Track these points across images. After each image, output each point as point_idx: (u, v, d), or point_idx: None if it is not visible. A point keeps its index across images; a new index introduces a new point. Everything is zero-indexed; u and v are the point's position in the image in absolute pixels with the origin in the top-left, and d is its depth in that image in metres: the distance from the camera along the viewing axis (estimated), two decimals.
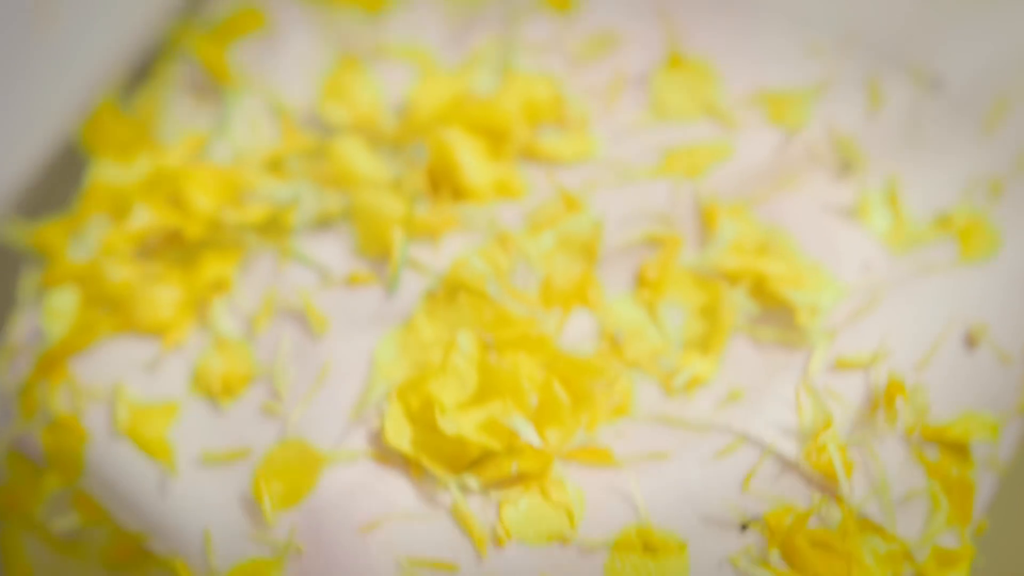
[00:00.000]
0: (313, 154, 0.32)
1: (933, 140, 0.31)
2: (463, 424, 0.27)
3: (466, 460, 0.27)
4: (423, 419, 0.28)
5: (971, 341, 0.28)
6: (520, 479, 0.28)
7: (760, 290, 0.29)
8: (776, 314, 0.29)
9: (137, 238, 0.30)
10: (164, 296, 0.30)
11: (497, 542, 0.27)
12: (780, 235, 0.30)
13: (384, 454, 0.28)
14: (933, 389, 0.28)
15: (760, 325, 0.29)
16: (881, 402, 0.27)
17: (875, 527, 0.27)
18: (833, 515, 0.27)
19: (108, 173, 0.32)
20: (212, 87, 0.33)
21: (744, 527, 0.27)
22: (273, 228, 0.31)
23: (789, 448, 0.27)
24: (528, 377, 0.27)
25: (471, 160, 0.30)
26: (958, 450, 0.28)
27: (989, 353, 0.28)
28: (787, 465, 0.27)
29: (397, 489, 0.28)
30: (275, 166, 0.32)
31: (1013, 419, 0.29)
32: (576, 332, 0.29)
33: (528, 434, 0.27)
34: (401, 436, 0.28)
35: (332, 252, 0.30)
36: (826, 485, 0.27)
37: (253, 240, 0.30)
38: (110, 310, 0.30)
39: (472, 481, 0.27)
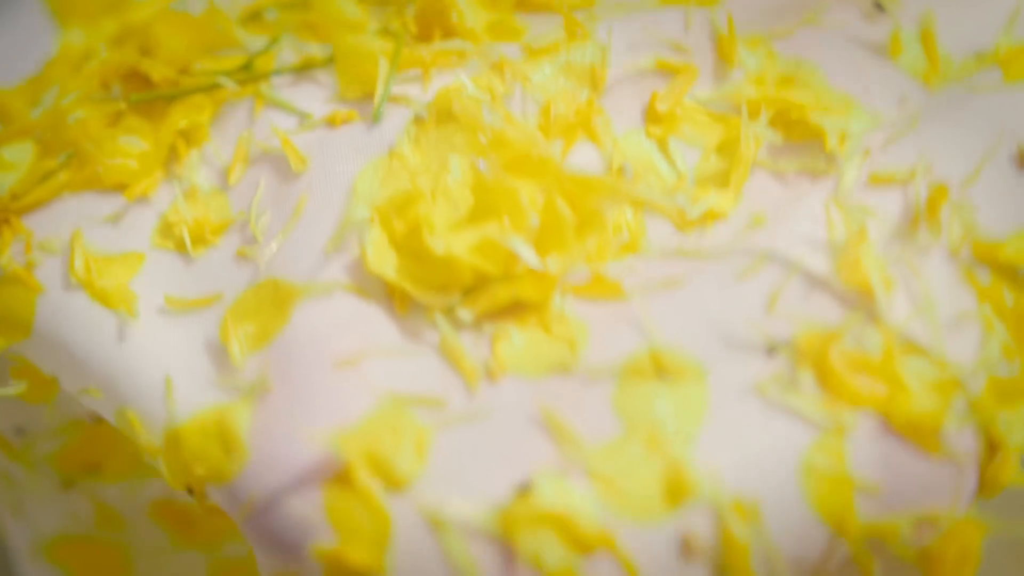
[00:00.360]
0: (295, 5, 0.29)
1: None
2: (454, 245, 0.24)
3: (457, 288, 0.24)
4: (409, 246, 0.25)
5: (1021, 160, 0.25)
6: (517, 310, 0.24)
7: (783, 121, 0.26)
8: (801, 148, 0.26)
9: (98, 76, 0.28)
10: (129, 146, 0.27)
11: (490, 376, 0.24)
12: (806, 68, 0.27)
13: (364, 286, 0.25)
14: (980, 209, 0.25)
15: (784, 157, 0.26)
16: (923, 214, 0.24)
17: (920, 349, 0.23)
18: (872, 338, 0.23)
19: (76, 38, 0.29)
20: None
21: (771, 350, 0.23)
22: (250, 78, 0.28)
23: (819, 264, 0.24)
24: (529, 196, 0.24)
25: (466, 2, 0.28)
26: (1011, 274, 0.24)
27: None
28: (817, 282, 0.24)
29: (378, 324, 0.25)
30: (254, 18, 0.29)
31: None
32: (580, 167, 0.26)
33: (528, 255, 0.24)
34: (384, 262, 0.25)
35: (312, 98, 0.27)
36: (862, 303, 0.24)
37: (228, 90, 0.28)
38: (71, 163, 0.27)
39: (464, 312, 0.24)
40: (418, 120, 0.26)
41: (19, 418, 0.28)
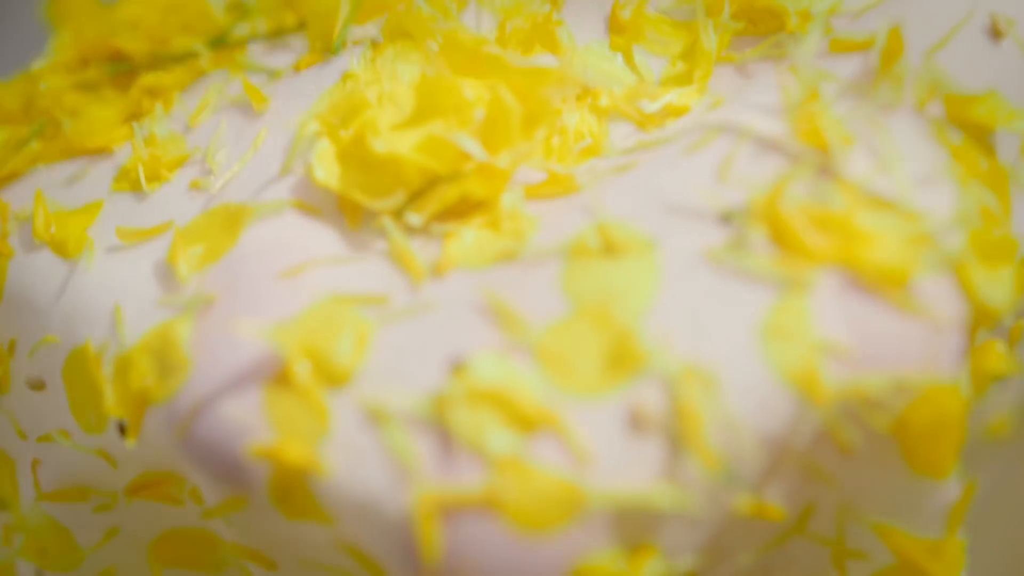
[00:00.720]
0: None
1: None
2: (398, 144, 0.23)
3: (404, 191, 0.23)
4: (355, 154, 0.24)
5: (995, 32, 0.24)
6: (468, 210, 0.23)
7: (747, 14, 0.25)
8: (767, 39, 0.25)
9: (76, 52, 0.28)
10: (100, 113, 0.27)
11: (436, 271, 0.23)
12: None
13: (314, 203, 0.24)
14: (952, 78, 0.23)
15: (747, 49, 0.25)
16: (882, 69, 0.22)
17: (886, 203, 0.21)
18: (832, 195, 0.22)
19: (68, 40, 0.30)
20: None
21: (726, 218, 0.22)
22: (224, 46, 0.28)
23: (772, 127, 0.22)
24: (474, 92, 0.23)
25: None
26: (982, 138, 0.22)
27: (1016, 51, 0.24)
28: (771, 145, 0.22)
29: (328, 237, 0.24)
30: (235, 4, 0.29)
31: None
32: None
33: (474, 149, 0.23)
34: (329, 172, 0.24)
35: (286, 63, 0.27)
36: (820, 160, 0.22)
37: (203, 62, 0.27)
38: (44, 133, 0.27)
39: (412, 216, 0.23)
40: (373, 44, 0.26)
41: None
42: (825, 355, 0.21)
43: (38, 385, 0.25)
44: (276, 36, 0.28)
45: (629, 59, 0.25)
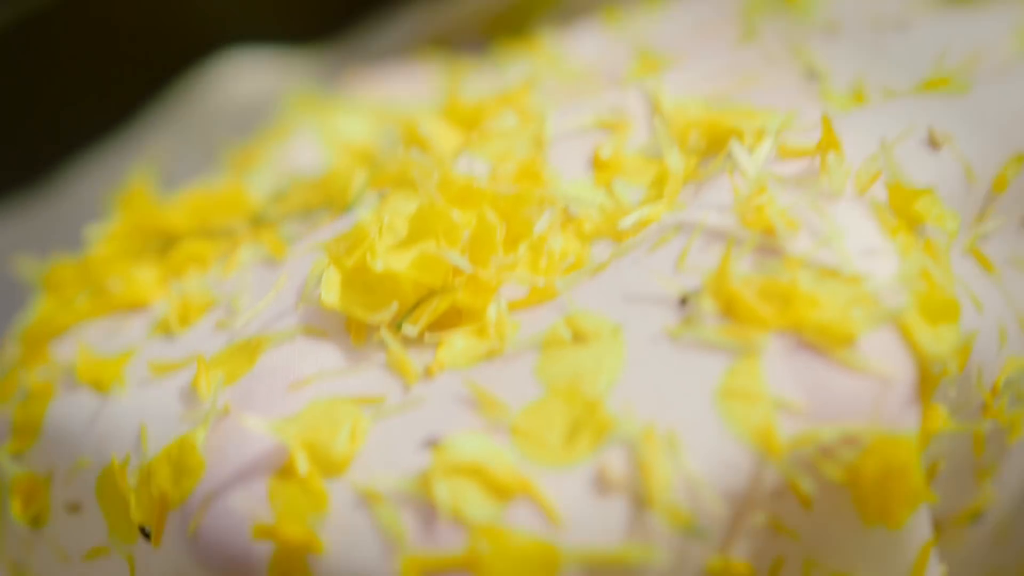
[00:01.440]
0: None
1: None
2: (394, 263, 0.26)
3: (401, 306, 0.26)
4: (357, 276, 0.26)
5: (933, 142, 0.25)
6: (458, 320, 0.25)
7: (711, 138, 0.27)
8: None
9: (125, 231, 0.31)
10: (142, 276, 0.30)
11: (427, 373, 0.25)
12: (734, 103, 0.28)
13: (320, 327, 0.26)
14: (890, 175, 0.25)
15: (709, 165, 0.27)
16: (823, 160, 0.24)
17: (831, 272, 0.23)
18: (779, 271, 0.23)
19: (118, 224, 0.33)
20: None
21: (683, 301, 0.23)
22: (259, 226, 0.31)
23: (723, 219, 0.24)
24: (461, 217, 0.26)
25: (437, 129, 0.30)
26: (916, 227, 0.24)
27: (953, 162, 0.25)
28: (721, 234, 0.24)
29: (332, 355, 0.26)
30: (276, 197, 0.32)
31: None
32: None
33: (461, 263, 0.25)
34: (334, 295, 0.26)
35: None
36: (767, 242, 0.24)
37: (239, 235, 0.30)
38: (91, 295, 0.30)
39: (408, 328, 0.25)
40: (382, 196, 0.28)
41: None
42: (778, 411, 0.22)
43: (74, 508, 0.27)
44: (305, 213, 0.30)
45: (610, 191, 0.27)
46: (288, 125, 0.35)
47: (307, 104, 0.36)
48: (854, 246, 0.24)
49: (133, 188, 0.33)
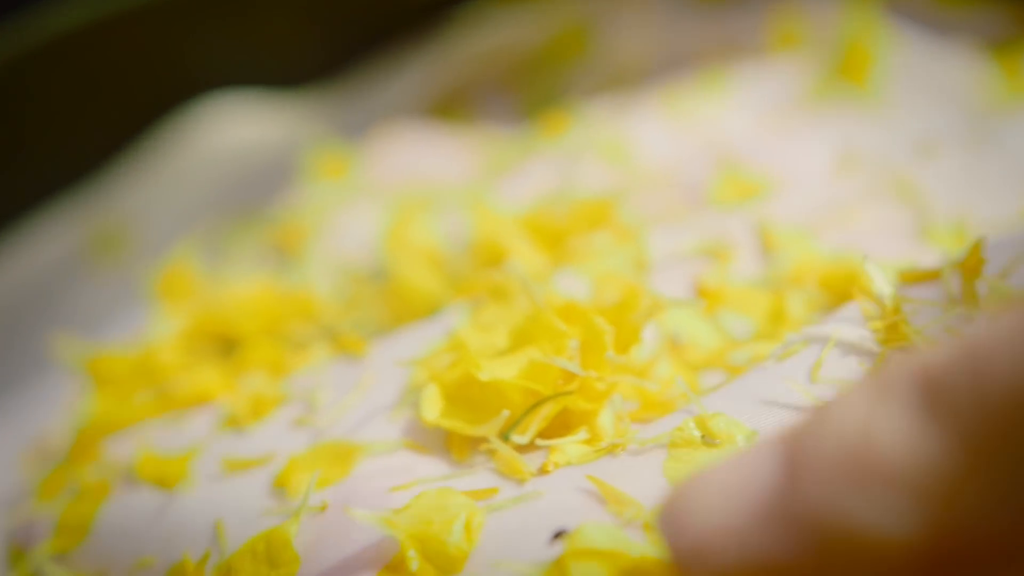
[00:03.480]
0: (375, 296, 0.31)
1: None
2: (500, 371, 0.25)
3: (509, 418, 0.24)
4: (460, 391, 0.25)
5: None
6: (568, 426, 0.24)
7: (827, 284, 0.27)
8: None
9: (183, 322, 0.30)
10: (205, 375, 0.29)
11: (542, 471, 0.23)
12: (848, 254, 0.28)
13: (422, 443, 0.25)
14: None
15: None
16: (965, 282, 0.24)
17: None
18: None
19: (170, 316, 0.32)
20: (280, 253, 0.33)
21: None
22: (330, 336, 0.30)
23: (858, 333, 0.24)
24: (567, 326, 0.25)
25: (522, 247, 0.30)
26: None
27: None
28: (855, 349, 0.24)
29: (435, 465, 0.25)
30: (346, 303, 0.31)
31: None
32: None
33: (573, 368, 0.24)
34: (436, 411, 0.25)
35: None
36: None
37: (312, 347, 0.29)
38: (152, 393, 0.29)
39: (517, 437, 0.24)
40: (475, 305, 0.27)
41: None
42: None
43: None
44: (375, 330, 0.29)
45: (715, 321, 0.27)
46: (324, 198, 0.34)
47: (331, 164, 0.35)
48: None
49: (177, 273, 0.32)
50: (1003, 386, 0.17)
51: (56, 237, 0.39)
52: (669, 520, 0.19)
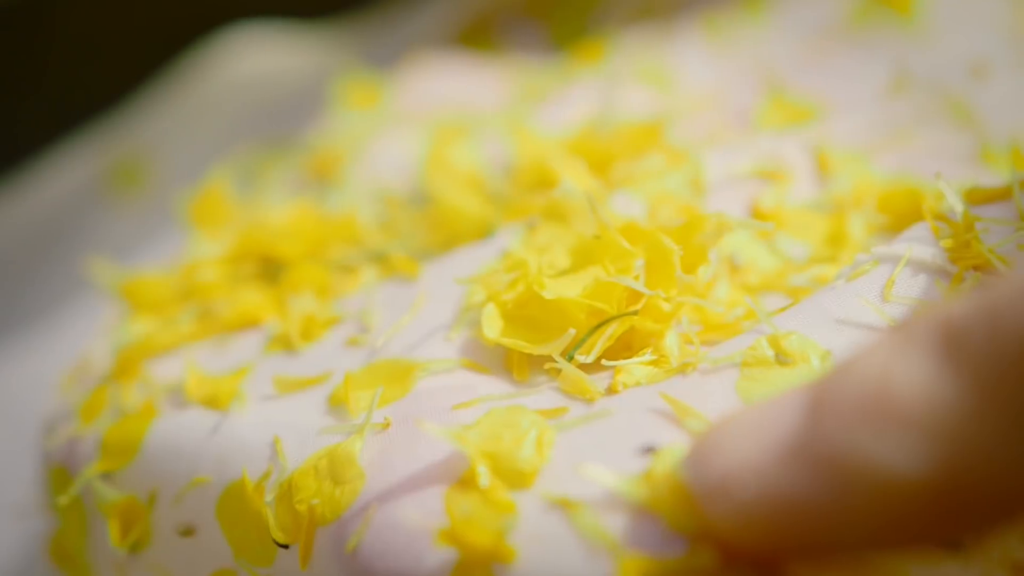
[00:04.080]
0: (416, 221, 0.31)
1: None
2: (564, 290, 0.24)
3: (573, 337, 0.24)
4: (520, 313, 0.25)
5: None
6: (632, 348, 0.24)
7: (887, 206, 0.27)
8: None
9: (225, 248, 0.29)
10: (251, 298, 0.28)
11: (611, 391, 0.23)
12: (905, 175, 0.27)
13: (482, 363, 0.25)
14: None
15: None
16: None
17: None
18: None
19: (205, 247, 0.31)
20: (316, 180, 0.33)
21: None
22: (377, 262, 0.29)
23: (931, 251, 0.24)
24: (632, 244, 0.25)
25: (574, 168, 0.29)
26: None
27: None
28: (930, 267, 0.23)
29: (497, 385, 0.24)
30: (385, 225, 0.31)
31: None
32: None
33: (640, 287, 0.24)
34: (497, 331, 0.25)
35: None
36: (981, 279, 0.23)
37: (359, 271, 0.29)
38: (194, 316, 0.28)
39: (581, 357, 0.24)
40: (529, 226, 0.27)
41: None
42: None
43: (188, 530, 0.25)
44: (422, 255, 0.29)
45: (772, 244, 0.27)
46: (356, 127, 0.34)
47: (361, 93, 0.34)
48: None
49: (212, 199, 0.32)
50: (1017, 336, 0.18)
51: (79, 166, 0.39)
52: (696, 458, 0.20)
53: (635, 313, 0.24)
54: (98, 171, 0.38)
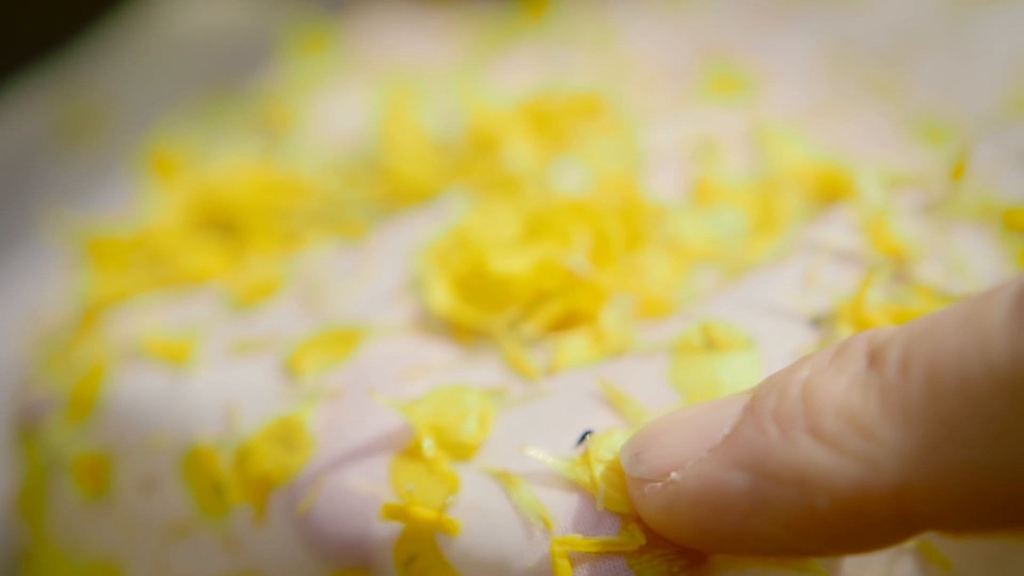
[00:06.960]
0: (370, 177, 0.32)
1: None
2: (512, 265, 0.26)
3: (515, 308, 0.26)
4: (468, 280, 0.26)
5: None
6: (573, 324, 0.26)
7: (821, 184, 0.28)
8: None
9: (178, 203, 0.30)
10: (205, 253, 0.29)
11: (550, 371, 0.25)
12: (844, 153, 0.29)
13: (427, 326, 0.26)
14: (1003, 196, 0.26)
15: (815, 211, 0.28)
16: (946, 192, 0.25)
17: (961, 298, 0.24)
18: (909, 298, 0.24)
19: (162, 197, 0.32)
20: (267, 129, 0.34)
21: (815, 322, 0.24)
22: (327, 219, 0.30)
23: (851, 240, 0.25)
24: (577, 222, 0.26)
25: (518, 136, 0.30)
26: None
27: None
28: (849, 255, 0.25)
29: (442, 351, 0.26)
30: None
31: None
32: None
33: (582, 266, 0.25)
34: (443, 299, 0.26)
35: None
36: (896, 267, 0.25)
37: (308, 235, 0.30)
38: (150, 270, 0.29)
39: (527, 327, 0.25)
40: (476, 195, 0.28)
41: None
42: None
43: (149, 485, 0.26)
44: (373, 214, 0.30)
45: (707, 216, 0.28)
46: (307, 76, 0.35)
47: (314, 47, 0.35)
48: (979, 273, 0.25)
49: (169, 153, 0.33)
50: (925, 357, 0.19)
51: (30, 115, 0.39)
52: (635, 448, 0.21)
53: (576, 290, 0.25)
54: (50, 120, 0.39)
